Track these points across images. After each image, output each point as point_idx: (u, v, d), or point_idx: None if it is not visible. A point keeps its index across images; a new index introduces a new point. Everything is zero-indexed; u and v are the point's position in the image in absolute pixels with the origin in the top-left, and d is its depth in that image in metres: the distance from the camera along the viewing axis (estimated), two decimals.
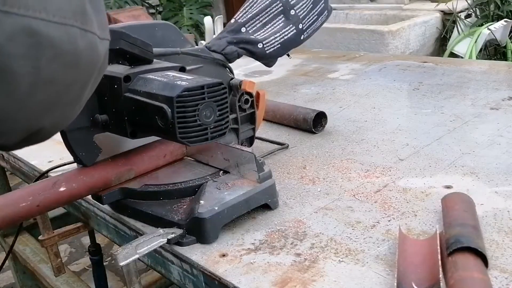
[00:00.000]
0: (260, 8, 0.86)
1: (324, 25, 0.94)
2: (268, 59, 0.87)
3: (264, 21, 0.86)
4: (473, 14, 2.80)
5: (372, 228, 0.65)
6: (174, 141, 0.64)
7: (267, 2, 0.86)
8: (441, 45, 2.89)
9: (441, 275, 0.52)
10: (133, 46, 0.65)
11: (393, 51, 2.55)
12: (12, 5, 0.29)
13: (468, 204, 0.63)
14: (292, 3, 0.87)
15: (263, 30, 0.85)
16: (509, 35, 2.65)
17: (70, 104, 0.38)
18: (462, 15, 2.79)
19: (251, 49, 0.84)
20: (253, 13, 0.85)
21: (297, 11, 0.87)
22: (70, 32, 0.33)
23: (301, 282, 0.56)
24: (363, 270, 0.57)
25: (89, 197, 0.73)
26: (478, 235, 0.56)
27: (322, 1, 0.90)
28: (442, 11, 2.86)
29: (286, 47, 0.87)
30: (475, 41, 2.57)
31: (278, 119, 1.07)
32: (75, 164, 0.88)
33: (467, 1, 2.78)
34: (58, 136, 1.25)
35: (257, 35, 0.85)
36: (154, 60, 0.69)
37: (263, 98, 0.87)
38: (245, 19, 0.85)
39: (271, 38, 0.85)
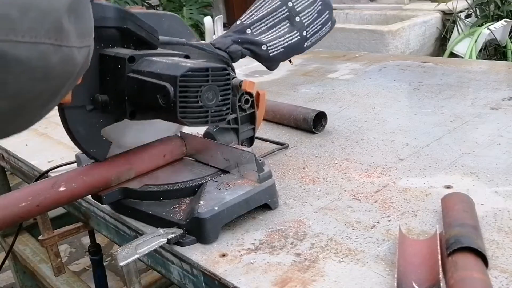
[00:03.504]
0: (266, 11, 0.87)
1: None
2: (271, 62, 0.88)
3: (270, 24, 0.86)
4: (473, 14, 2.80)
5: (372, 228, 0.65)
6: (173, 121, 0.64)
7: (274, 6, 0.87)
8: (441, 45, 2.89)
9: (441, 275, 0.52)
10: (140, 28, 0.65)
11: (393, 51, 2.55)
12: None
13: (468, 204, 0.63)
14: (298, 10, 0.88)
15: (268, 33, 0.86)
16: (509, 35, 2.65)
17: (38, 108, 0.38)
18: (462, 15, 2.79)
19: (255, 50, 0.85)
20: (259, 16, 0.86)
21: (302, 18, 0.88)
22: (41, 50, 0.34)
23: (301, 282, 0.56)
24: (363, 270, 0.57)
25: (89, 197, 0.73)
26: (478, 235, 0.56)
27: (327, 12, 0.91)
28: (442, 11, 2.87)
29: (289, 52, 0.88)
30: (475, 41, 2.57)
31: (278, 119, 1.07)
32: (75, 164, 0.89)
33: (467, 1, 2.78)
34: (58, 136, 1.25)
35: (262, 37, 0.86)
36: (159, 48, 0.69)
37: (263, 98, 0.87)
38: (250, 21, 0.86)
39: (275, 41, 0.86)
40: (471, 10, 2.80)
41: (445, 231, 0.58)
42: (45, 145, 1.14)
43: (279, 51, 0.86)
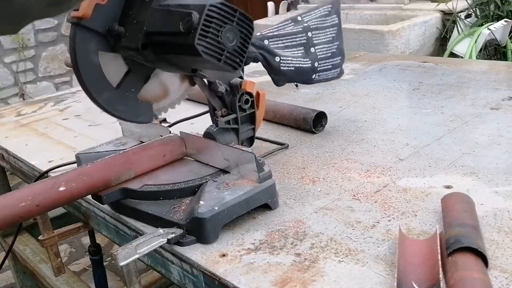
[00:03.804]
0: (286, 32, 0.90)
1: None
2: (279, 76, 0.90)
3: (286, 44, 0.90)
4: (473, 14, 2.80)
5: (372, 228, 0.65)
6: (186, 50, 0.64)
7: (294, 30, 0.91)
8: (441, 45, 2.89)
9: (441, 275, 0.52)
10: None
11: (393, 51, 2.55)
12: None
13: (468, 204, 0.63)
14: (315, 42, 0.92)
15: (283, 50, 0.89)
16: (509, 35, 2.65)
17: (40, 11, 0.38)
18: (462, 15, 2.78)
19: (268, 58, 0.87)
20: (278, 33, 0.90)
21: (317, 51, 0.92)
22: None
23: (301, 282, 0.56)
24: (363, 270, 0.57)
25: (89, 197, 0.73)
26: (478, 235, 0.56)
27: (340, 58, 0.96)
28: (442, 11, 2.86)
29: (298, 74, 0.91)
30: (475, 41, 2.57)
31: (278, 119, 1.07)
32: (75, 164, 0.89)
33: (467, 1, 2.78)
34: (58, 136, 1.25)
35: (277, 51, 0.89)
36: None
37: (263, 98, 0.87)
38: (270, 34, 0.89)
39: (289, 58, 0.89)
40: (471, 10, 2.80)
41: (445, 231, 0.58)
42: (45, 145, 1.14)
43: (290, 68, 0.89)
